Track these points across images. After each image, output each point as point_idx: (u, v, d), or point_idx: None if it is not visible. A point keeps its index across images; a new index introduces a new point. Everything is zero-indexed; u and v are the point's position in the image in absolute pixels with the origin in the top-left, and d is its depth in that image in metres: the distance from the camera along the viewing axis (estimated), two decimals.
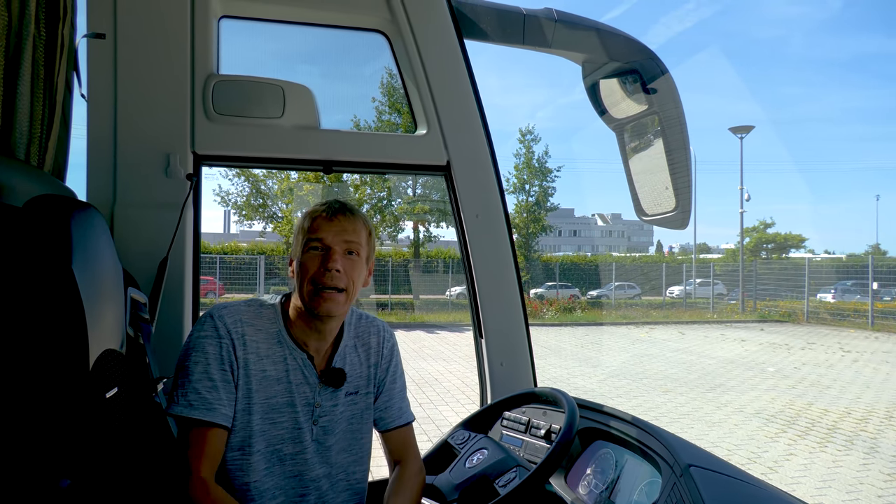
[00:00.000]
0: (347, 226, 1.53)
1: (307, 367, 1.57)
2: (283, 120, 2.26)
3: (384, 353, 1.73)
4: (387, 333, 1.76)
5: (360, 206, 23.51)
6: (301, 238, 1.55)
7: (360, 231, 1.56)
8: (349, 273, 1.52)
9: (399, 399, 1.75)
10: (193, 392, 1.45)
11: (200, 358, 1.48)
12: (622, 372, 12.25)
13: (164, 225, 2.08)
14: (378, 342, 1.73)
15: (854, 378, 11.63)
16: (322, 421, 1.59)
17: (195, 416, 1.43)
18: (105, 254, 1.48)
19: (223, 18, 2.34)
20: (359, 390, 1.67)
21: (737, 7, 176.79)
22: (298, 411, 1.56)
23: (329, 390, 1.60)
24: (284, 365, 1.55)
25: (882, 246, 57.23)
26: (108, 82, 2.09)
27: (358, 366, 1.68)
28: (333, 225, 1.52)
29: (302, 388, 1.57)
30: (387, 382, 1.73)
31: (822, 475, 6.22)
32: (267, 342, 1.55)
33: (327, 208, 1.55)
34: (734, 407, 9.16)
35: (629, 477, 1.68)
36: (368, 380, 1.70)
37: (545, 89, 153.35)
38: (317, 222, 1.53)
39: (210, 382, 1.46)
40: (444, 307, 24.71)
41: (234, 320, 1.52)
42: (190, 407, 1.44)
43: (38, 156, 1.73)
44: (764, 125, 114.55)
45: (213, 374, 1.47)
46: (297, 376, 1.56)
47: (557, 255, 38.18)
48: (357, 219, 1.56)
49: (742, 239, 34.47)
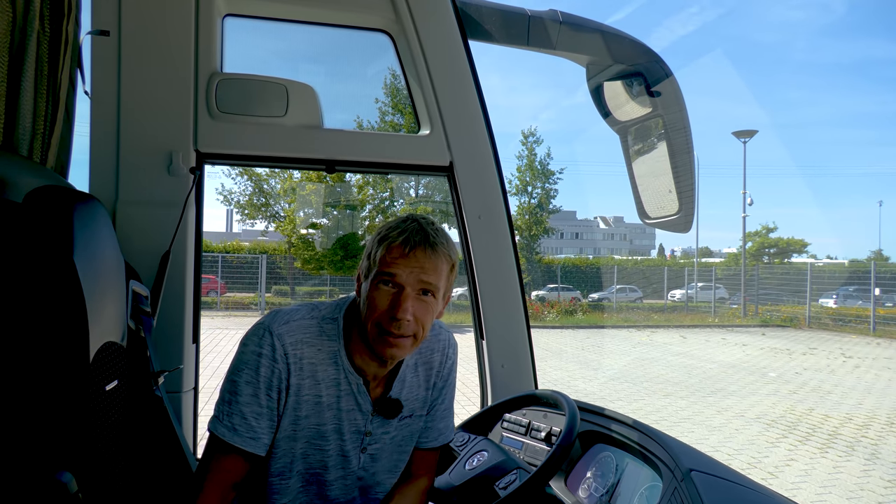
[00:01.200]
0: (427, 264, 1.33)
1: (362, 393, 1.45)
2: (287, 119, 2.26)
3: (444, 374, 1.61)
4: (450, 350, 1.62)
5: (362, 207, 23.25)
6: (370, 265, 1.37)
7: (440, 269, 1.35)
8: (421, 318, 1.35)
9: (441, 419, 1.65)
10: (240, 416, 1.34)
11: (252, 378, 1.35)
12: (623, 375, 12.23)
13: (166, 222, 2.08)
14: (441, 360, 1.59)
15: (855, 384, 11.60)
16: (371, 448, 1.50)
17: (237, 443, 1.33)
18: (107, 246, 1.48)
19: (227, 17, 2.35)
20: (413, 413, 1.56)
21: (739, 11, 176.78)
22: (346, 439, 1.45)
23: (381, 418, 1.49)
24: (337, 389, 1.42)
25: (885, 252, 57.12)
26: (111, 79, 2.09)
27: (416, 388, 1.55)
28: (410, 261, 1.32)
29: (353, 414, 1.45)
30: (437, 402, 1.63)
31: (823, 481, 6.20)
32: (324, 364, 1.41)
33: (405, 239, 1.32)
34: (735, 412, 9.14)
35: (629, 481, 1.67)
36: (424, 402, 1.59)
37: (548, 91, 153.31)
38: (391, 254, 1.32)
39: (259, 408, 1.35)
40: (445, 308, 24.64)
41: (294, 341, 1.37)
42: (234, 432, 1.33)
43: (41, 152, 1.73)
44: (767, 129, 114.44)
45: (261, 399, 1.35)
46: (348, 402, 1.44)
47: (559, 258, 38.17)
48: (439, 255, 1.35)
49: (744, 243, 34.41)
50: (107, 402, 1.40)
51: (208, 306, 20.80)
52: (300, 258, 22.67)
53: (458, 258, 1.44)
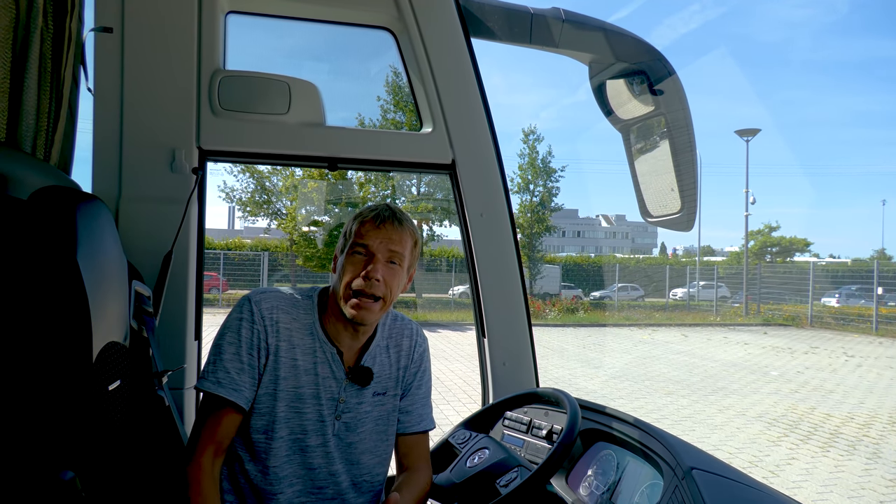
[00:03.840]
0: (393, 234, 1.55)
1: (335, 362, 1.59)
2: (289, 116, 2.26)
3: (414, 357, 1.74)
4: (419, 337, 1.77)
5: (363, 204, 23.53)
6: (347, 239, 1.58)
7: (405, 241, 1.57)
8: (388, 282, 1.53)
9: (421, 405, 1.76)
10: (223, 371, 1.50)
11: (234, 339, 1.52)
12: (625, 374, 12.23)
13: (168, 219, 2.09)
14: (410, 345, 1.74)
15: (857, 383, 11.59)
16: (346, 417, 1.60)
17: (221, 393, 1.48)
18: (110, 246, 1.48)
19: (230, 14, 2.35)
20: (387, 391, 1.68)
21: (742, 9, 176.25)
22: (323, 404, 1.57)
23: (355, 388, 1.61)
24: (314, 357, 1.58)
25: (888, 251, 57.04)
26: (114, 76, 2.09)
27: (388, 367, 1.69)
28: (380, 232, 1.54)
29: (328, 381, 1.58)
30: (412, 387, 1.74)
31: (824, 480, 6.20)
32: (300, 332, 1.58)
33: (376, 215, 1.56)
34: (736, 410, 9.14)
35: (630, 479, 1.67)
36: (397, 381, 1.70)
37: (549, 89, 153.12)
38: (364, 227, 1.55)
39: (240, 364, 1.51)
40: (446, 306, 24.71)
41: (270, 306, 1.56)
42: (218, 384, 1.49)
43: (45, 149, 1.73)
44: (770, 128, 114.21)
45: (243, 357, 1.52)
46: (324, 369, 1.58)
47: (561, 256, 38.14)
48: (404, 228, 1.57)
49: (746, 242, 34.35)
50: (110, 401, 1.41)
51: (210, 303, 20.84)
52: (302, 256, 22.68)
53: (420, 239, 1.66)
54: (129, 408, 1.54)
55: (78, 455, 1.26)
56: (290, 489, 1.56)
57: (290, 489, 1.56)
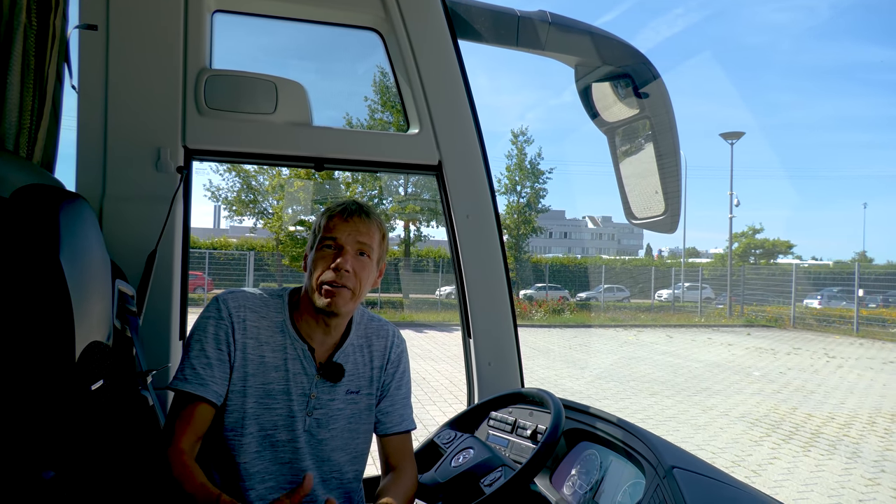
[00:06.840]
0: (361, 227, 1.57)
1: (307, 357, 1.60)
2: (276, 116, 2.25)
3: (391, 358, 1.75)
4: (396, 339, 1.78)
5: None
6: (316, 235, 1.60)
7: (373, 233, 1.59)
8: (358, 273, 1.55)
9: (402, 406, 1.76)
10: (190, 368, 1.52)
11: (200, 336, 1.54)
12: (610, 374, 12.31)
13: (153, 218, 2.07)
14: (385, 346, 1.74)
15: (838, 383, 11.75)
16: (317, 413, 1.61)
17: (187, 389, 1.49)
18: (93, 245, 1.47)
19: (217, 13, 2.34)
20: (360, 390, 1.68)
21: (725, 12, 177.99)
22: (293, 400, 1.58)
23: (327, 384, 1.62)
24: (284, 353, 1.59)
25: (868, 253, 57.88)
26: (99, 74, 2.08)
27: (361, 366, 1.69)
28: (348, 225, 1.56)
29: (299, 377, 1.59)
30: (391, 388, 1.74)
31: (805, 479, 6.28)
32: (269, 330, 1.59)
33: (344, 209, 1.58)
34: (720, 410, 9.23)
35: (613, 478, 1.69)
36: (371, 381, 1.70)
37: (536, 91, 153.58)
38: (332, 221, 1.57)
39: (206, 360, 1.52)
40: (433, 306, 24.70)
41: (237, 305, 1.58)
42: (185, 381, 1.50)
43: (28, 147, 1.71)
44: (754, 131, 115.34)
45: (209, 352, 1.53)
46: (295, 366, 1.59)
47: (547, 257, 38.29)
48: (372, 221, 1.60)
49: (731, 244, 34.71)
50: (92, 401, 1.40)
51: (195, 302, 20.61)
52: (288, 255, 22.58)
53: (387, 232, 1.68)
54: (112, 407, 1.53)
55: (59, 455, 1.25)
56: (262, 485, 1.56)
57: (261, 485, 1.56)
